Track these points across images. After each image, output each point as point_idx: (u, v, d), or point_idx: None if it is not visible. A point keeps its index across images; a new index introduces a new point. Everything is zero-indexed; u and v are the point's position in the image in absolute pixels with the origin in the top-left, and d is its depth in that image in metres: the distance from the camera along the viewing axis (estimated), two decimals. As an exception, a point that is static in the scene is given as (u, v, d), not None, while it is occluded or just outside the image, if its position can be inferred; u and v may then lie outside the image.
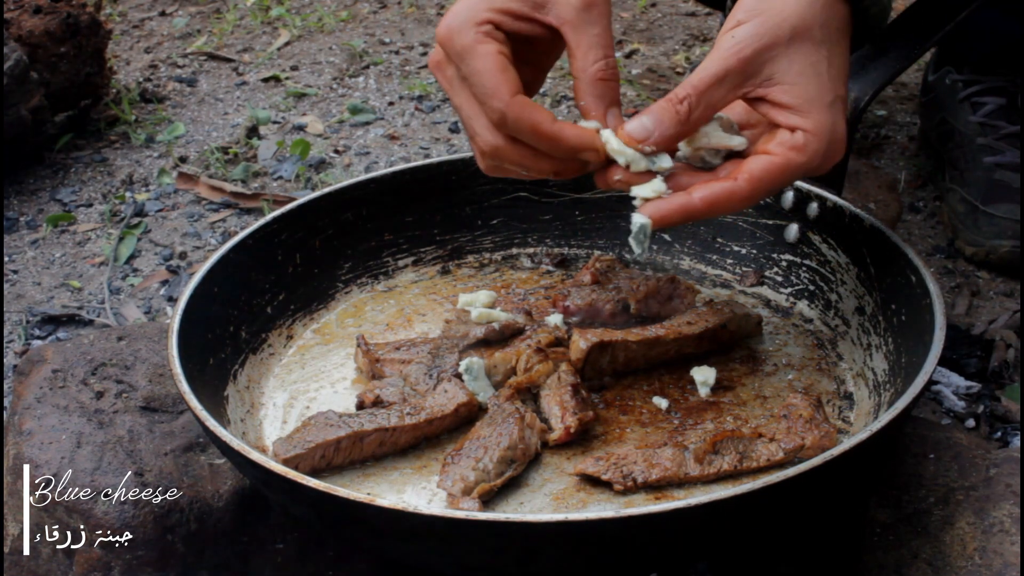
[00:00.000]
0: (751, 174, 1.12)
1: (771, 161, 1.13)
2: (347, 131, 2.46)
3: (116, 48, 2.85)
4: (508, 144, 1.15)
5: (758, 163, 1.13)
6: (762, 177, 1.12)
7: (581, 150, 1.15)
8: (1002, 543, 1.16)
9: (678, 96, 1.12)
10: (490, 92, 1.12)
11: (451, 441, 1.26)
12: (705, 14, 2.95)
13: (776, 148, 1.13)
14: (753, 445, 1.21)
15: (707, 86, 1.12)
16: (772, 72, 1.12)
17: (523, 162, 1.16)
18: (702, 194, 1.13)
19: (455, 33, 1.14)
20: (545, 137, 1.13)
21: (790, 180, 1.14)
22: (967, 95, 2.01)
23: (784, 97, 1.12)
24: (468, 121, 1.16)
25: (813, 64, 1.12)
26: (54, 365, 1.40)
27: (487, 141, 1.15)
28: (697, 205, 1.13)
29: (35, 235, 2.11)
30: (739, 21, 1.13)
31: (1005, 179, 1.90)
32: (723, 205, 1.13)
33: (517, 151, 1.15)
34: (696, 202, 1.13)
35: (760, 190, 1.13)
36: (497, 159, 1.16)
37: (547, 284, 1.55)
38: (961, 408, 1.59)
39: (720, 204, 1.13)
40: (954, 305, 1.81)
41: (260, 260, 1.45)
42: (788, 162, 1.12)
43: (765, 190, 1.13)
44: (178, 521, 1.25)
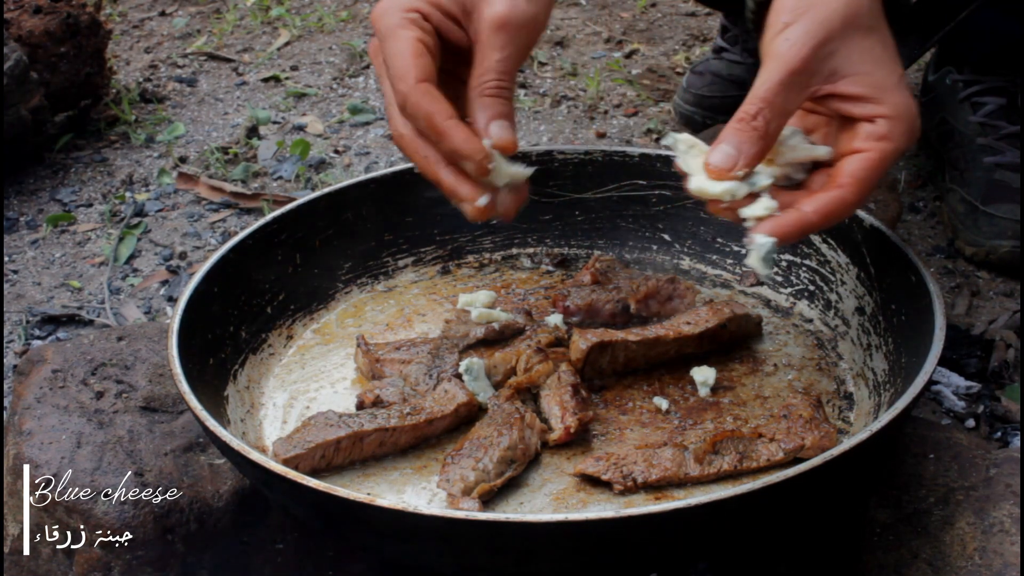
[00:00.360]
0: (853, 176, 1.10)
1: (868, 158, 1.10)
2: (347, 131, 2.46)
3: (116, 48, 2.85)
4: (411, 135, 1.14)
5: (856, 163, 1.10)
6: (864, 176, 1.10)
7: (462, 155, 1.12)
8: (1002, 543, 1.16)
9: (749, 113, 1.10)
10: (399, 74, 1.11)
11: (451, 441, 1.26)
12: (705, 14, 2.95)
13: (866, 144, 1.10)
14: (753, 445, 1.21)
15: (775, 94, 1.09)
16: (835, 66, 1.10)
17: (416, 158, 1.15)
18: (814, 207, 1.10)
19: (383, 14, 1.15)
20: (434, 129, 1.11)
21: (888, 170, 1.12)
22: (967, 95, 2.01)
23: (854, 88, 1.10)
24: (386, 107, 1.16)
25: (870, 50, 1.11)
26: (54, 365, 1.40)
27: (394, 127, 1.15)
28: (812, 218, 1.10)
29: (35, 235, 2.12)
30: (786, 23, 1.11)
31: (1005, 179, 1.90)
32: (836, 213, 1.10)
33: (415, 145, 1.14)
34: (811, 215, 1.10)
35: (866, 189, 1.10)
36: (401, 147, 1.16)
37: (547, 284, 1.55)
38: (961, 408, 1.59)
39: (833, 213, 1.10)
40: (954, 305, 1.81)
41: (260, 260, 1.45)
42: (882, 153, 1.10)
43: (870, 188, 1.11)
44: (178, 521, 1.25)
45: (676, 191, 1.56)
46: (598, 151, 1.59)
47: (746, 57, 2.36)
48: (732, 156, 1.11)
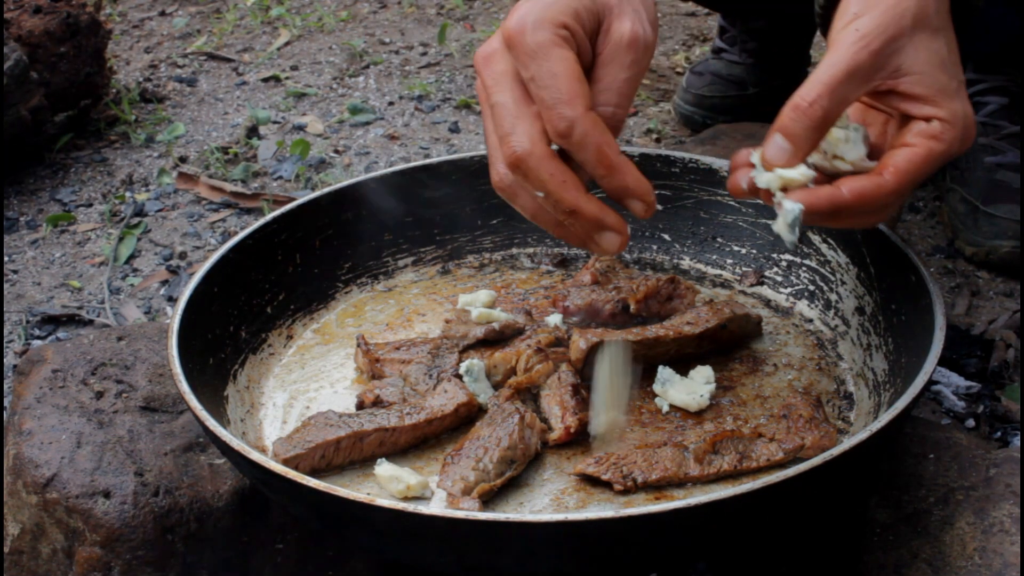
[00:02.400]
0: (896, 167, 1.09)
1: (914, 152, 1.10)
2: (347, 131, 2.46)
3: (116, 48, 2.85)
4: (547, 156, 1.07)
5: (902, 156, 1.10)
6: (907, 169, 1.09)
7: (634, 193, 1.10)
8: (1002, 543, 1.16)
9: (807, 99, 1.08)
10: (564, 98, 1.05)
11: (451, 441, 1.26)
12: (705, 14, 2.95)
13: (916, 139, 1.10)
14: (753, 445, 1.21)
15: (838, 83, 1.08)
16: (900, 63, 1.10)
17: (550, 183, 1.07)
18: (850, 187, 1.09)
19: (530, 29, 1.06)
20: (606, 162, 1.07)
21: (932, 170, 1.11)
22: (969, 95, 2.00)
23: (915, 88, 1.10)
24: (508, 121, 1.07)
25: (936, 51, 1.10)
26: (54, 365, 1.40)
27: (524, 147, 1.06)
28: (845, 197, 1.09)
29: (35, 235, 2.12)
30: (856, 14, 1.09)
31: (1006, 179, 1.90)
32: (871, 199, 1.09)
33: (551, 167, 1.07)
34: (845, 194, 1.09)
35: (906, 183, 1.10)
36: (525, 170, 1.07)
37: (547, 284, 1.55)
38: (961, 408, 1.59)
39: (868, 197, 1.09)
40: (954, 305, 1.81)
41: (260, 260, 1.45)
42: (930, 152, 1.09)
43: (910, 182, 1.10)
44: (178, 521, 1.25)
45: (676, 191, 1.56)
46: (598, 151, 1.58)
47: (745, 58, 2.36)
48: (786, 151, 1.10)
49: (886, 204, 1.11)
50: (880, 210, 1.12)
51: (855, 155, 1.14)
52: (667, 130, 2.39)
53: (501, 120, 1.08)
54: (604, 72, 1.09)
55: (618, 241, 1.12)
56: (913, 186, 1.11)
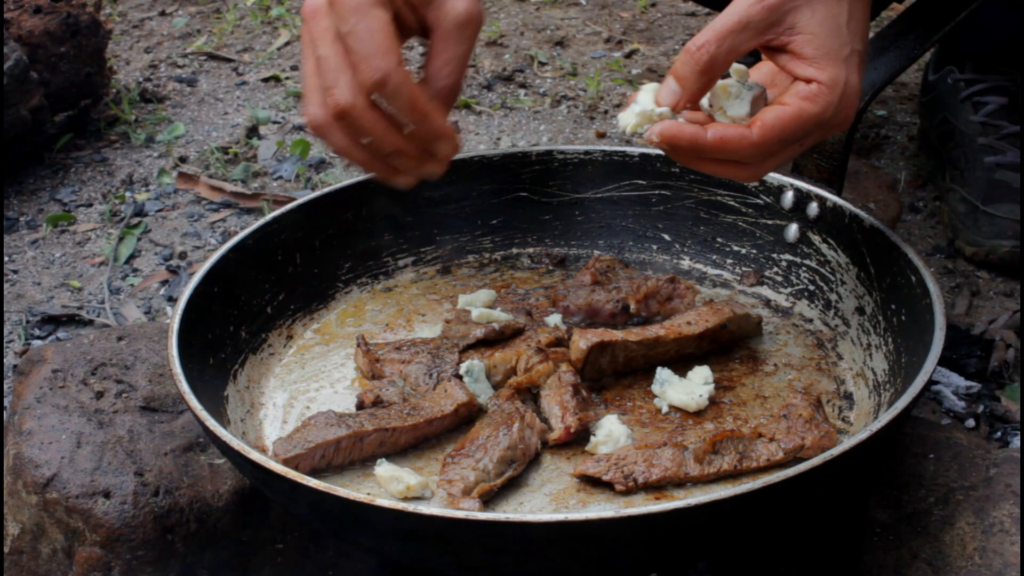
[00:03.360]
0: (763, 122, 1.12)
1: (784, 110, 1.12)
2: (347, 131, 2.46)
3: (116, 48, 2.85)
4: (367, 107, 1.14)
5: (771, 113, 1.13)
6: (773, 125, 1.12)
7: (440, 136, 1.17)
8: (1002, 543, 1.16)
9: (696, 44, 1.13)
10: (379, 51, 1.12)
11: (451, 441, 1.26)
12: (705, 14, 2.95)
13: (789, 99, 1.13)
14: (753, 445, 1.21)
15: (728, 31, 1.12)
16: (795, 22, 1.12)
17: (374, 130, 1.15)
18: (714, 131, 1.12)
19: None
20: (417, 110, 1.14)
21: (803, 132, 1.14)
22: (969, 94, 2.00)
23: (804, 48, 1.12)
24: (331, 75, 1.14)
25: (834, 16, 1.13)
26: (54, 365, 1.40)
27: (347, 99, 1.13)
28: (707, 138, 1.12)
29: (35, 235, 2.12)
30: None
31: (1006, 179, 1.90)
32: (732, 148, 1.12)
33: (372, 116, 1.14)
34: (707, 136, 1.12)
35: (771, 139, 1.12)
36: (349, 120, 1.14)
37: (547, 284, 1.55)
38: (961, 408, 1.59)
39: (729, 145, 1.12)
40: (954, 305, 1.81)
41: (260, 260, 1.45)
42: (800, 112, 1.12)
43: (775, 139, 1.12)
44: (178, 521, 1.25)
45: (676, 191, 1.57)
46: (598, 151, 1.59)
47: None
48: (676, 94, 1.14)
49: (749, 156, 1.13)
50: (744, 163, 1.15)
51: (737, 111, 1.16)
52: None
53: (325, 73, 1.15)
54: (442, 47, 1.17)
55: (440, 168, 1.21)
56: (781, 145, 1.14)
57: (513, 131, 2.43)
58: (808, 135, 1.15)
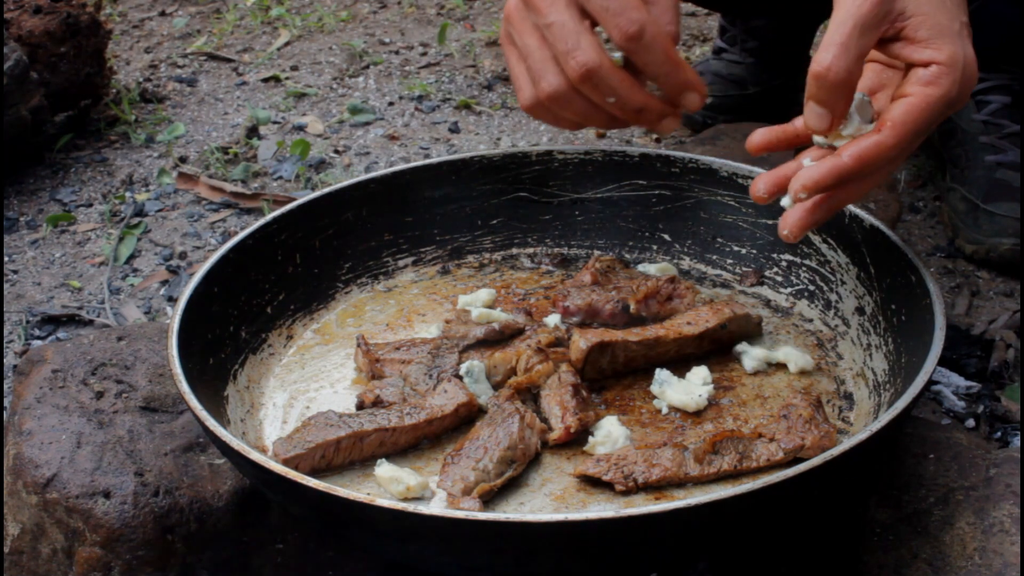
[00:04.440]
0: (893, 121, 1.10)
1: (911, 103, 1.10)
2: (347, 131, 2.46)
3: (116, 48, 2.85)
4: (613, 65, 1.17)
5: (898, 108, 1.10)
6: (906, 120, 1.10)
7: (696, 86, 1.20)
8: (1002, 543, 1.16)
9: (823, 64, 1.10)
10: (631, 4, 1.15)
11: (451, 441, 1.26)
12: (705, 14, 2.95)
13: (912, 88, 1.10)
14: (753, 445, 1.21)
15: (849, 38, 1.09)
16: (903, 7, 1.10)
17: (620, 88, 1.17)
18: (850, 152, 1.11)
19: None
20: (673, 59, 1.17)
21: (935, 118, 1.11)
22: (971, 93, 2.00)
23: (918, 31, 1.10)
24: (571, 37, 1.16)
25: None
26: (54, 365, 1.40)
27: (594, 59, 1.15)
28: (847, 163, 1.10)
29: (35, 235, 2.12)
30: None
31: (1006, 178, 1.90)
32: (873, 158, 1.10)
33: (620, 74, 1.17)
34: (846, 160, 1.11)
35: (906, 135, 1.10)
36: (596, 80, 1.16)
37: (547, 284, 1.55)
38: (961, 408, 1.59)
39: (869, 158, 1.10)
40: (954, 305, 1.81)
41: (260, 260, 1.45)
42: (927, 99, 1.10)
43: (911, 134, 1.10)
44: (178, 521, 1.25)
45: (676, 191, 1.56)
46: (598, 151, 1.59)
47: (745, 57, 2.36)
48: (822, 115, 1.13)
49: (890, 160, 1.12)
50: (885, 167, 1.14)
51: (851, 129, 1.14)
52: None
53: (562, 37, 1.17)
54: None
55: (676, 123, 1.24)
56: (916, 137, 1.11)
57: (513, 131, 2.43)
58: (939, 118, 1.12)
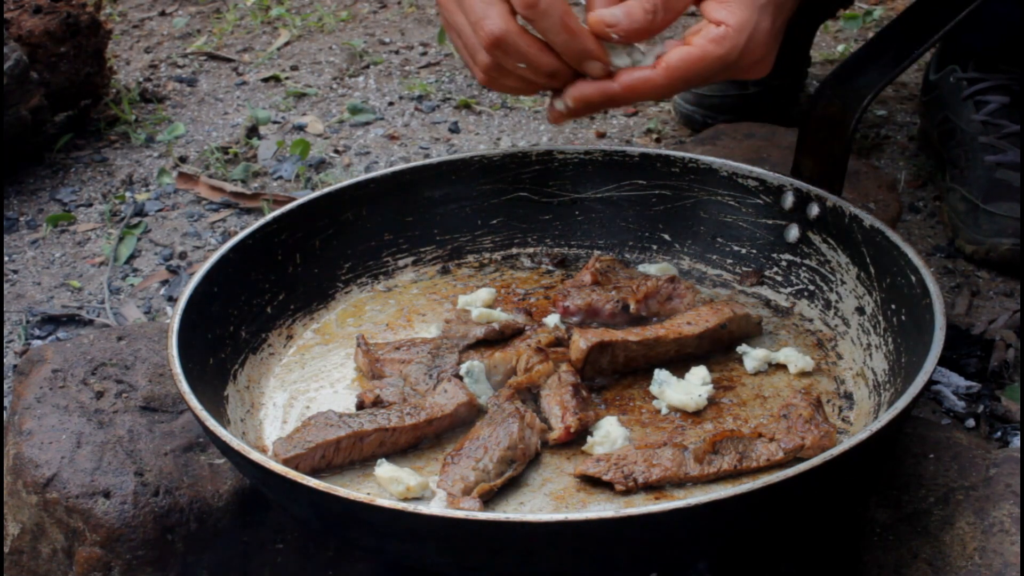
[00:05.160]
0: (668, 63, 1.22)
1: (688, 52, 1.21)
2: (347, 131, 2.46)
3: (116, 48, 2.85)
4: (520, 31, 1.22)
5: (676, 53, 1.21)
6: (678, 66, 1.21)
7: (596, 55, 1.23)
8: (1002, 543, 1.16)
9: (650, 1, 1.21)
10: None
11: (451, 441, 1.26)
12: (705, 14, 2.94)
13: (696, 40, 1.21)
14: (753, 445, 1.21)
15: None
16: None
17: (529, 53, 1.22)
18: (622, 80, 1.23)
19: None
20: (571, 27, 1.21)
21: (708, 72, 1.22)
22: (971, 93, 2.01)
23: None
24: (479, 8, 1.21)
25: None
26: (54, 365, 1.40)
27: (500, 26, 1.21)
28: (616, 88, 1.23)
29: (35, 235, 2.12)
30: None
31: (1006, 178, 1.90)
32: (639, 90, 1.23)
33: (526, 39, 1.22)
34: (616, 86, 1.23)
35: (676, 78, 1.21)
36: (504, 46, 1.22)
37: (547, 284, 1.55)
38: (961, 408, 1.59)
39: (637, 89, 1.23)
40: (954, 305, 1.81)
41: (260, 260, 1.45)
42: (704, 53, 1.20)
43: (680, 78, 1.21)
44: (178, 521, 1.25)
45: (676, 191, 1.56)
46: (598, 151, 1.59)
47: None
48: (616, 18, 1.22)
49: (656, 95, 1.23)
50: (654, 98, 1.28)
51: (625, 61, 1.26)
52: (667, 130, 2.39)
53: (472, 8, 1.23)
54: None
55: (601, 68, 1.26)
56: (684, 84, 1.23)
57: (513, 131, 2.43)
58: (713, 75, 1.23)
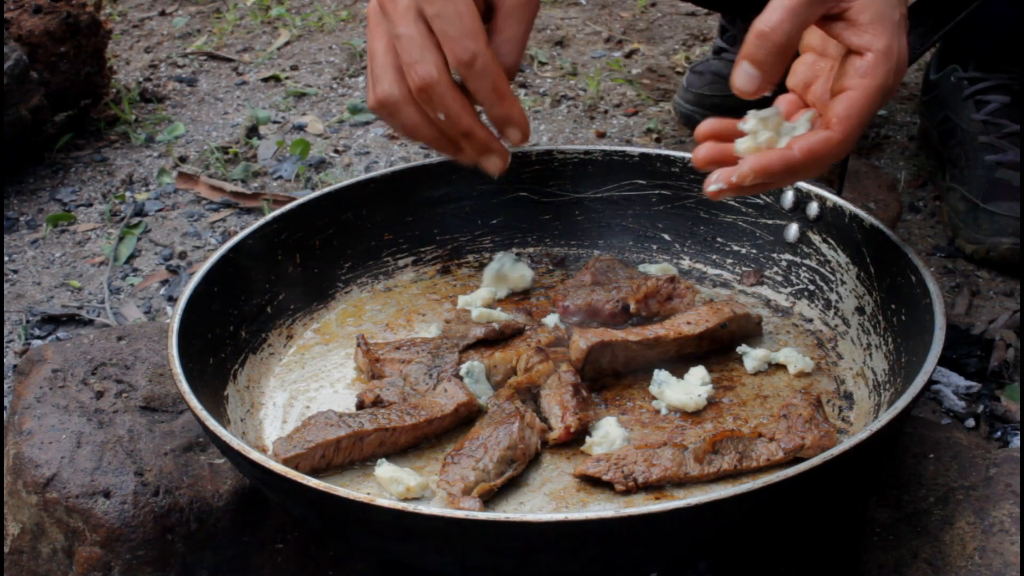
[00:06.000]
0: (839, 116, 1.12)
1: (852, 97, 1.12)
2: (347, 131, 2.46)
3: (116, 48, 2.85)
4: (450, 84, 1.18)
5: (841, 104, 1.12)
6: (850, 115, 1.12)
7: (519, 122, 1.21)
8: (1002, 543, 1.16)
9: (769, 24, 1.10)
10: (469, 33, 1.15)
11: (451, 441, 1.26)
12: (705, 14, 2.95)
13: (851, 82, 1.12)
14: (753, 445, 1.21)
15: (799, 5, 1.10)
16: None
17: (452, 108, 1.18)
18: (800, 146, 1.12)
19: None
20: (500, 91, 1.18)
21: (875, 108, 1.14)
22: (971, 93, 2.01)
23: (860, 15, 1.12)
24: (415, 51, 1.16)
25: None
26: (54, 365, 1.40)
27: (432, 75, 1.17)
28: (796, 156, 1.12)
29: (35, 235, 2.12)
30: None
31: (1006, 177, 1.90)
32: (822, 155, 1.12)
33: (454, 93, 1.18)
34: (796, 154, 1.12)
35: (852, 128, 1.12)
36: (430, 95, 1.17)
37: (547, 284, 1.55)
38: (961, 408, 1.59)
39: (818, 154, 1.12)
40: (954, 305, 1.81)
41: (260, 260, 1.45)
42: (867, 91, 1.12)
43: (857, 127, 1.13)
44: (178, 521, 1.25)
45: (676, 191, 1.56)
46: (598, 151, 1.59)
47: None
48: (754, 77, 1.12)
49: (838, 154, 1.14)
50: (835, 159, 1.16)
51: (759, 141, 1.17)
52: (667, 130, 2.39)
53: (408, 50, 1.17)
54: (505, 24, 1.21)
55: (501, 164, 1.25)
56: (861, 129, 1.14)
57: (513, 131, 2.43)
58: (877, 108, 1.15)
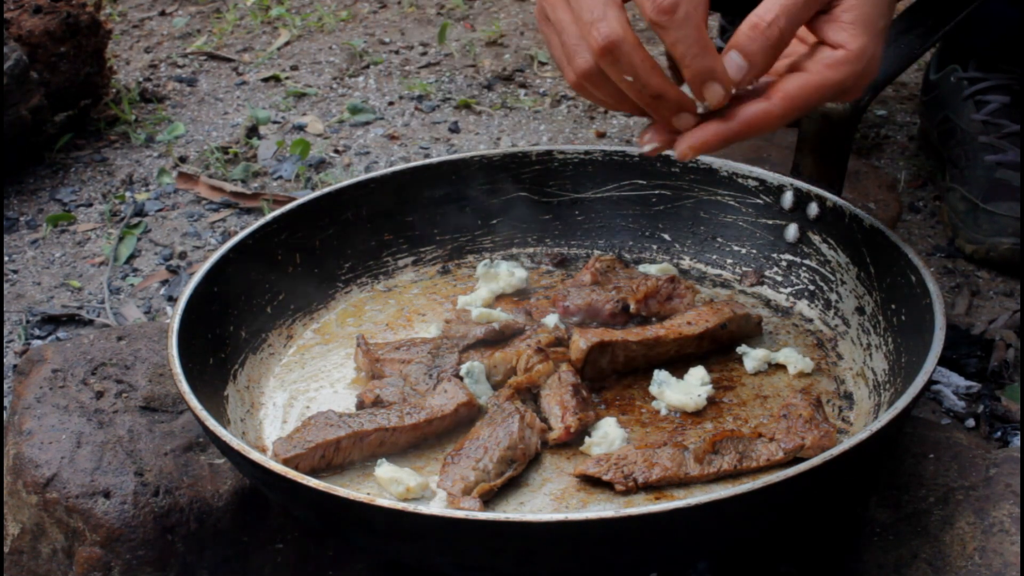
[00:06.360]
0: (785, 92, 1.12)
1: (806, 79, 1.12)
2: (347, 131, 2.46)
3: (116, 48, 2.85)
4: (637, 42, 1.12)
5: (793, 82, 1.12)
6: (797, 95, 1.12)
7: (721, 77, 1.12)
8: (1002, 543, 1.16)
9: (765, 19, 1.10)
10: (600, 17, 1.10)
11: (451, 441, 1.26)
12: (705, 14, 2.94)
13: (813, 66, 1.12)
14: (753, 445, 1.21)
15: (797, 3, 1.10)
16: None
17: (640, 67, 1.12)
18: (739, 118, 1.13)
19: None
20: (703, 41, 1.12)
21: (825, 99, 1.14)
22: (971, 93, 2.01)
23: (844, 13, 1.11)
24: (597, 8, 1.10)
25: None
26: (54, 365, 1.40)
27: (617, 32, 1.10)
28: (734, 127, 1.12)
29: (35, 235, 2.12)
30: None
31: (1006, 177, 1.90)
32: (758, 125, 1.13)
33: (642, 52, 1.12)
34: (733, 125, 1.12)
35: (793, 108, 1.12)
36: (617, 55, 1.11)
37: (547, 284, 1.55)
38: (961, 408, 1.59)
39: (756, 124, 1.12)
40: (954, 305, 1.81)
41: (260, 260, 1.45)
42: (823, 80, 1.12)
43: (799, 108, 1.13)
44: (178, 521, 1.25)
45: (676, 191, 1.56)
46: (598, 151, 1.59)
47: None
48: (743, 68, 1.12)
49: (774, 127, 1.14)
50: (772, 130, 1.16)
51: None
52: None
53: (588, 7, 1.10)
54: None
55: (693, 121, 1.15)
56: (801, 111, 1.14)
57: (513, 131, 2.43)
58: (829, 100, 1.15)
